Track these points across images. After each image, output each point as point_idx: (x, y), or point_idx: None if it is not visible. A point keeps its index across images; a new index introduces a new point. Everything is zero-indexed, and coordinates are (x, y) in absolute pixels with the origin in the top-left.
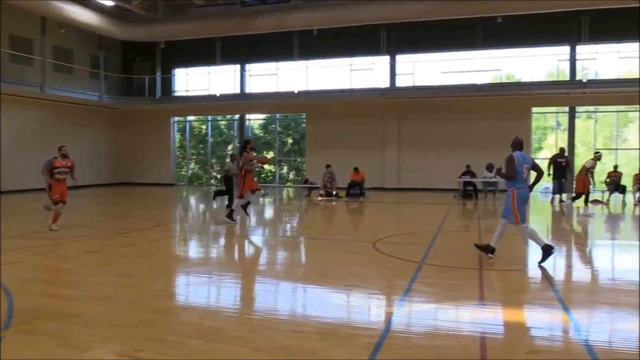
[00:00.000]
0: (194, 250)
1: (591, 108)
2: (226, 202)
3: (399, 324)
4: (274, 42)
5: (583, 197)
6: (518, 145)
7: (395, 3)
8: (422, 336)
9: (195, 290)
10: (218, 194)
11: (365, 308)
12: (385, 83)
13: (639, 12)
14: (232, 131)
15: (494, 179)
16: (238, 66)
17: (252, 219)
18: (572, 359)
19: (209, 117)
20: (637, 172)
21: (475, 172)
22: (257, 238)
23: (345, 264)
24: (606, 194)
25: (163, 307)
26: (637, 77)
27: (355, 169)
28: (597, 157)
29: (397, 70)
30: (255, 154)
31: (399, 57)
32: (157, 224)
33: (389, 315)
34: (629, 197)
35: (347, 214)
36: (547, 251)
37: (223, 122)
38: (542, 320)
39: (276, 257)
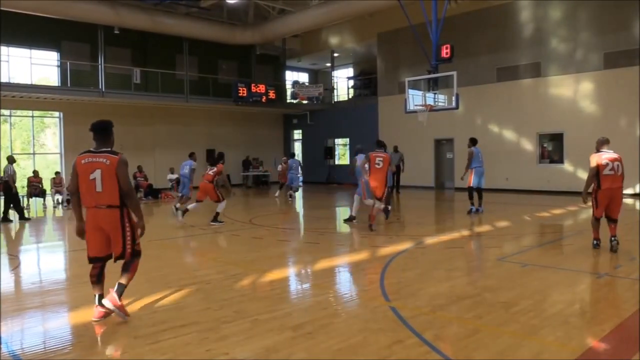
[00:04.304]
0: None
1: (6, 112)
2: None
3: None
4: None
5: None
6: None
7: None
8: None
9: None
10: None
11: None
12: None
13: (53, 21)
14: None
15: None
16: None
17: None
18: None
19: None
20: (54, 175)
21: None
22: None
23: None
24: (26, 200)
25: None
26: (52, 84)
27: None
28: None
29: None
30: None
31: None
32: None
33: None
34: (49, 201)
35: None
36: (386, 211)
37: None
38: None
39: None
